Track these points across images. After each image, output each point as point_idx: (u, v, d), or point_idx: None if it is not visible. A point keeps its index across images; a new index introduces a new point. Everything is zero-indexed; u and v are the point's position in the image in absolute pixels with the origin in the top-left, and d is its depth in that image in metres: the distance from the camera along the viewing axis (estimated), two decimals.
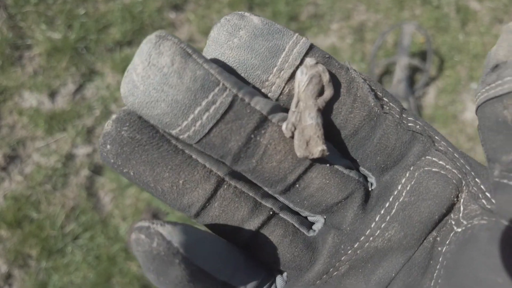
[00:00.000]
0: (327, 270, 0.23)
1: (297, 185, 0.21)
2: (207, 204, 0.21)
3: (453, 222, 0.22)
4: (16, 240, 1.28)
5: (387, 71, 1.59)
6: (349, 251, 0.22)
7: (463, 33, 1.64)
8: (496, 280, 0.19)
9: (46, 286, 1.25)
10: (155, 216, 1.33)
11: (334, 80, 0.21)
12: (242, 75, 0.20)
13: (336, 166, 0.22)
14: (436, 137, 0.23)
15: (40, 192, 1.34)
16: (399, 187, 0.22)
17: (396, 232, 0.22)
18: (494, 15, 1.66)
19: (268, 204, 0.22)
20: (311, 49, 0.21)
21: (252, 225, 0.21)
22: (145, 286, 1.27)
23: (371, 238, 0.22)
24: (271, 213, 0.22)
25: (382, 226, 0.22)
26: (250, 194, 0.21)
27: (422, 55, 1.57)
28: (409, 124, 0.22)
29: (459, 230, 0.22)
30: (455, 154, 0.23)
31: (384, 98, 0.22)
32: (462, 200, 0.22)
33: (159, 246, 0.17)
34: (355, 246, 0.22)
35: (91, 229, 1.32)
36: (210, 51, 0.21)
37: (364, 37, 1.63)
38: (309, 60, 0.20)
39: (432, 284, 0.22)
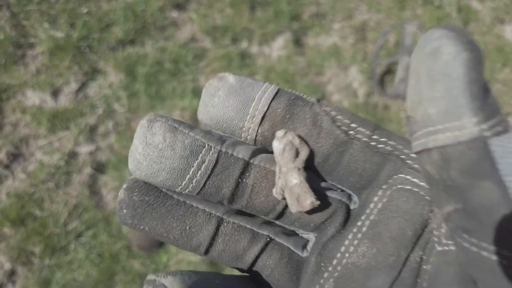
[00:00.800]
0: (313, 287, 0.24)
1: (285, 212, 0.25)
2: (213, 242, 0.24)
3: (435, 239, 0.23)
4: (19, 237, 1.29)
5: (389, 71, 1.60)
6: (329, 268, 0.24)
7: None
8: None
9: (49, 283, 1.26)
10: None
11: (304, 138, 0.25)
12: (224, 125, 0.25)
13: (319, 190, 0.25)
14: (411, 155, 0.24)
15: (43, 190, 1.34)
16: (371, 206, 0.24)
17: (368, 248, 0.24)
18: (495, 15, 1.67)
19: (264, 232, 0.25)
20: (278, 94, 0.25)
21: (253, 252, 0.25)
22: None
23: (346, 255, 0.24)
24: (268, 239, 0.25)
25: (355, 243, 0.24)
26: (248, 226, 0.25)
27: None
28: (379, 146, 0.24)
29: (440, 249, 0.22)
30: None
31: (352, 124, 0.24)
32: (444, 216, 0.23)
33: None
34: (334, 263, 0.24)
35: (94, 227, 1.32)
36: (201, 110, 0.25)
37: (366, 36, 1.64)
38: (279, 133, 0.24)
39: None
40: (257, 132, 0.25)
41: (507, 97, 1.57)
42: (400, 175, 0.24)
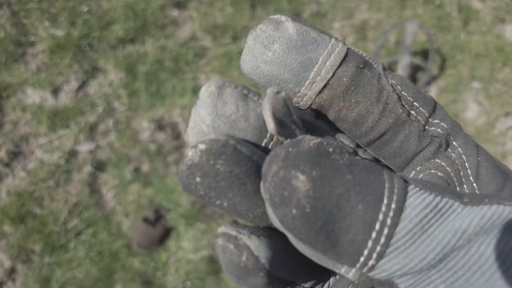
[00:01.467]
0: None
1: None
2: None
3: None
4: (19, 235, 1.29)
5: (389, 70, 1.60)
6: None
7: (465, 32, 1.64)
8: None
9: (49, 281, 1.26)
10: (157, 211, 1.34)
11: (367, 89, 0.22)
12: (276, 86, 0.21)
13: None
14: (454, 142, 0.23)
15: (43, 188, 1.35)
16: None
17: None
18: (496, 14, 1.66)
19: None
20: (346, 58, 0.21)
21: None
22: (146, 282, 1.28)
23: None
24: None
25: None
26: None
27: (424, 54, 1.58)
28: (431, 129, 0.23)
29: None
30: (465, 164, 0.23)
31: (415, 103, 0.23)
32: None
33: (247, 260, 0.19)
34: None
35: (94, 225, 1.32)
36: (247, 61, 0.21)
37: (366, 35, 1.64)
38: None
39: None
40: (313, 100, 0.22)
41: (507, 96, 1.57)
42: (437, 160, 0.23)
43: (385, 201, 0.16)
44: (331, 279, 0.24)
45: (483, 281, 0.16)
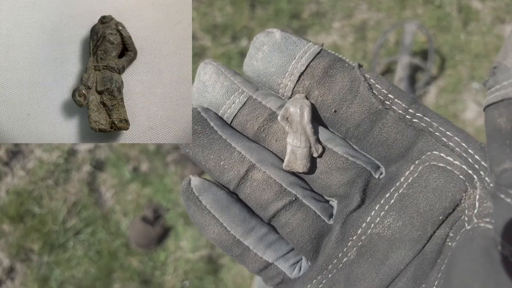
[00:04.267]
0: (336, 254, 0.25)
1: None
2: (241, 183, 0.26)
3: (466, 219, 0.23)
4: (18, 234, 1.29)
5: (389, 70, 1.60)
6: (354, 237, 0.25)
7: (464, 32, 1.64)
8: None
9: (48, 280, 1.26)
10: (156, 211, 1.34)
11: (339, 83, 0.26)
12: (264, 79, 0.27)
13: (339, 153, 0.25)
14: (448, 133, 0.24)
15: (42, 187, 1.35)
16: (401, 179, 0.24)
17: (394, 221, 0.24)
18: (496, 14, 1.66)
19: (293, 190, 0.26)
20: (319, 54, 0.25)
21: (276, 206, 0.26)
22: (145, 281, 1.29)
23: (372, 225, 0.24)
24: (294, 198, 0.26)
25: (381, 214, 0.24)
26: (277, 180, 0.26)
27: (424, 54, 1.58)
28: (414, 120, 0.24)
29: (469, 227, 0.22)
30: (469, 150, 0.23)
31: (390, 95, 0.24)
32: (477, 197, 0.23)
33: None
34: (358, 232, 0.25)
35: (93, 224, 1.33)
36: (246, 62, 0.27)
37: (366, 35, 1.64)
38: (297, 96, 0.26)
39: (438, 276, 0.23)
40: (293, 89, 0.26)
41: None
42: (434, 152, 0.24)
43: None
44: (303, 262, 0.27)
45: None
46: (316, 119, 0.26)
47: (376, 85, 0.24)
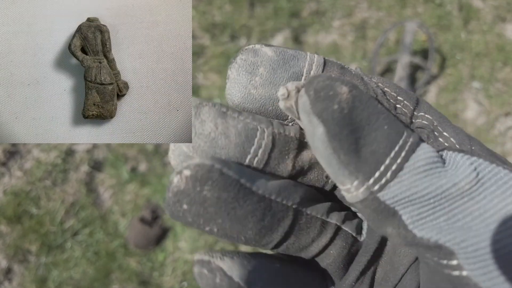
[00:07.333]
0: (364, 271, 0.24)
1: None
2: (286, 237, 0.21)
3: None
4: (16, 235, 1.29)
5: (389, 69, 1.59)
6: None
7: (465, 31, 1.63)
8: None
9: (46, 281, 1.26)
10: (154, 211, 1.33)
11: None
12: (270, 108, 0.22)
13: None
14: (445, 133, 0.23)
15: (40, 187, 1.34)
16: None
17: None
18: (497, 13, 1.65)
19: (332, 220, 0.22)
20: (325, 65, 0.22)
21: (320, 243, 0.22)
22: (143, 282, 1.28)
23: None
24: (335, 228, 0.22)
25: None
26: (318, 216, 0.22)
27: (424, 53, 1.57)
28: (416, 121, 0.23)
29: None
30: (463, 150, 0.23)
31: (399, 97, 0.23)
32: None
33: (222, 281, 0.19)
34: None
35: (91, 224, 1.32)
36: (235, 92, 0.22)
37: (366, 34, 1.63)
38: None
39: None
40: None
41: (507, 96, 1.56)
42: None
43: (405, 134, 0.18)
44: None
45: (483, 226, 0.17)
46: None
47: (385, 88, 0.23)
